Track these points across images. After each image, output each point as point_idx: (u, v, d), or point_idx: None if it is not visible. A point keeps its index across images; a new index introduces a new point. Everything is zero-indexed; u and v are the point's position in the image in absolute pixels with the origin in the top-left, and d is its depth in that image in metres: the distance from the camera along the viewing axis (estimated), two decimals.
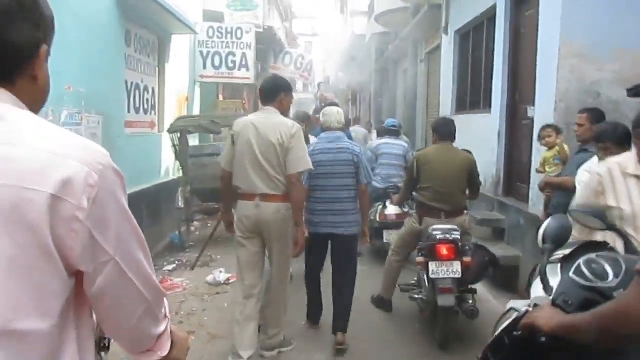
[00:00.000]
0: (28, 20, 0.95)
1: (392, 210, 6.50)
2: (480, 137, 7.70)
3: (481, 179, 7.23)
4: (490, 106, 7.45)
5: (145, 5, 6.81)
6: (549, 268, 1.73)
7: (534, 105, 5.95)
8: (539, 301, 1.65)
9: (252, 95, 13.92)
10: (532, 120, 5.98)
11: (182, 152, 7.31)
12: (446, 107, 9.87)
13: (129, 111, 7.00)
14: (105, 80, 6.07)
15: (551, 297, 1.56)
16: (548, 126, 5.01)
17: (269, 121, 3.63)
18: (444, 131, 4.74)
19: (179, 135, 7.21)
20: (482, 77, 8.04)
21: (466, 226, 4.56)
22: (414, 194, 4.84)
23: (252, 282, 3.81)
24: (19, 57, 0.95)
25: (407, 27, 14.75)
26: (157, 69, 8.26)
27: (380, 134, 7.63)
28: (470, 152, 4.93)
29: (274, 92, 3.75)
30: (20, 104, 0.95)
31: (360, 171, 4.17)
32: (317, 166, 3.97)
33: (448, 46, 9.77)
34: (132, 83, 7.08)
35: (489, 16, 7.73)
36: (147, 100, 7.70)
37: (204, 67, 10.27)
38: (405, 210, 6.25)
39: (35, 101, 1.00)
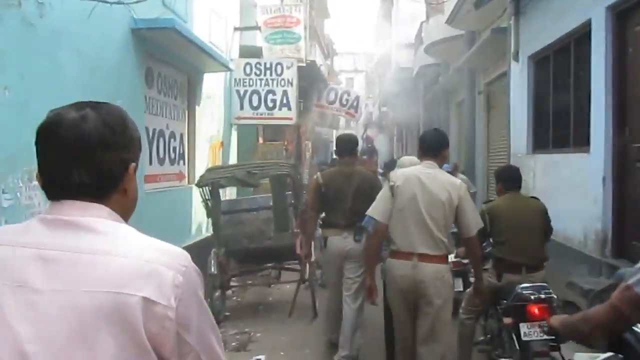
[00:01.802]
0: (120, 145, 1.09)
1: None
2: (574, 182, 6.27)
3: (580, 234, 5.88)
4: (587, 144, 6.03)
5: (170, 40, 5.81)
6: None
7: None
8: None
9: (294, 136, 12.84)
10: None
11: (213, 209, 6.16)
12: (519, 144, 8.46)
13: (150, 163, 5.95)
14: None
15: None
16: None
17: (436, 177, 3.57)
18: (511, 181, 4.47)
19: (209, 188, 6.07)
20: (572, 108, 6.63)
21: (547, 280, 4.24)
22: (488, 248, 4.52)
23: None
24: (113, 177, 1.09)
25: (460, 57, 13.52)
26: (186, 112, 7.26)
27: None
28: (537, 199, 4.71)
29: (439, 147, 3.75)
30: (115, 216, 1.09)
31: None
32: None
33: (519, 74, 8.43)
34: (154, 130, 6.05)
35: (578, 36, 6.39)
36: (174, 148, 6.65)
37: (241, 107, 9.24)
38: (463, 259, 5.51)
39: (126, 210, 1.14)
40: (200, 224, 7.49)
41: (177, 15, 6.31)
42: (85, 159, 1.04)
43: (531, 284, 3.95)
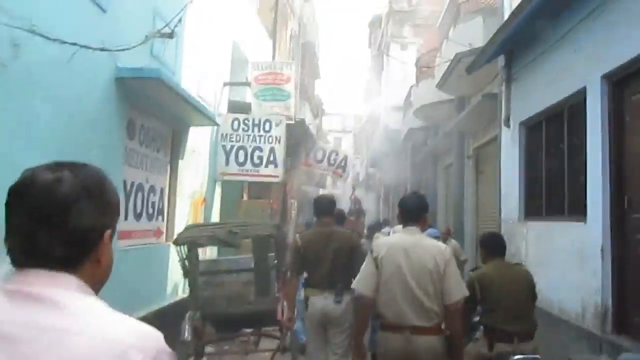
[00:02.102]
0: (95, 208, 1.01)
1: None
2: (571, 251, 6.01)
3: (577, 307, 5.69)
4: (583, 213, 5.83)
5: (156, 91, 5.60)
6: None
7: None
8: None
9: (280, 195, 12.57)
10: None
11: (191, 269, 5.75)
12: (510, 210, 8.25)
13: (125, 218, 5.59)
14: None
15: None
16: None
17: (420, 244, 3.46)
18: (497, 247, 4.43)
19: (187, 247, 5.69)
20: (566, 175, 6.47)
21: (538, 350, 4.18)
22: (476, 317, 4.45)
23: None
24: (86, 245, 1.01)
25: (449, 121, 13.56)
26: (169, 165, 6.98)
27: None
28: (522, 265, 4.82)
29: (420, 211, 3.66)
30: (85, 288, 0.99)
31: None
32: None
33: (510, 140, 8.33)
34: (132, 183, 5.74)
35: (572, 103, 6.31)
36: (153, 203, 6.32)
37: (227, 163, 8.99)
38: None
39: (98, 281, 1.05)
40: (177, 284, 7.05)
41: (165, 66, 6.14)
42: (57, 224, 0.97)
43: (524, 356, 3.90)
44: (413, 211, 3.62)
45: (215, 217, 9.06)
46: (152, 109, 6.12)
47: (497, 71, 9.14)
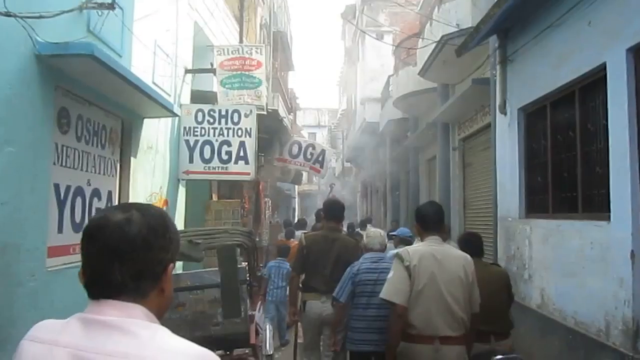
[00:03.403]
0: (160, 244, 1.15)
1: None
2: (589, 255, 5.18)
3: (600, 321, 5.05)
4: (604, 209, 5.00)
5: (92, 74, 4.52)
6: None
7: None
8: None
9: (252, 193, 11.55)
10: None
11: None
12: (508, 207, 7.43)
13: (59, 230, 4.55)
14: (8, 186, 3.69)
15: None
16: None
17: (449, 253, 3.53)
18: (475, 248, 4.43)
19: None
20: (578, 167, 5.64)
21: (513, 348, 4.44)
22: None
23: None
24: (152, 277, 1.15)
25: (431, 111, 12.74)
26: (118, 164, 5.92)
27: (395, 243, 6.79)
28: (499, 266, 5.04)
29: (441, 220, 3.71)
30: (151, 316, 1.13)
31: None
32: (362, 285, 4.33)
33: (507, 129, 7.49)
34: (68, 187, 4.69)
35: (586, 83, 5.48)
36: (98, 210, 5.25)
37: (191, 160, 7.95)
38: None
39: (162, 309, 1.19)
40: None
41: (107, 45, 5.10)
42: (128, 260, 1.10)
43: (505, 355, 3.97)
44: (435, 220, 3.64)
45: (179, 223, 8.03)
46: (92, 96, 5.06)
47: (488, 54, 8.31)
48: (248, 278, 5.18)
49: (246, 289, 5.15)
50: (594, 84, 5.36)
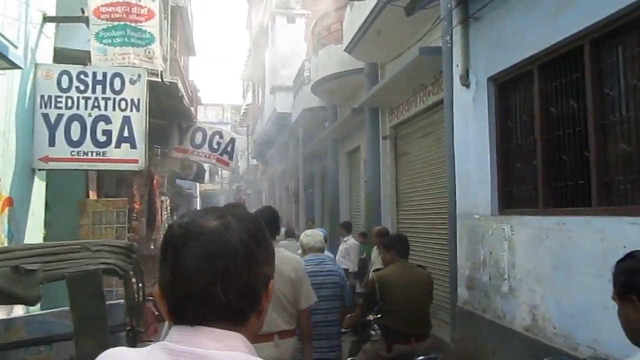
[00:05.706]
0: (264, 257, 0.94)
1: None
2: (610, 262, 3.72)
3: (628, 351, 3.38)
4: (634, 201, 3.58)
5: None
6: None
7: None
8: None
9: (144, 190, 9.25)
10: None
11: None
12: (472, 201, 5.95)
13: None
14: None
15: None
16: None
17: (281, 257, 3.17)
18: (403, 248, 4.55)
19: None
20: (592, 147, 4.20)
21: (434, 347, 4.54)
22: (373, 317, 4.68)
23: None
24: (256, 297, 0.92)
25: (357, 97, 11.22)
26: None
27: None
28: (424, 267, 4.89)
29: (275, 225, 3.68)
30: (251, 348, 0.90)
31: (345, 293, 4.47)
32: None
33: (470, 104, 6.01)
34: None
35: (601, 34, 4.06)
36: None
37: (51, 142, 5.67)
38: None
39: (254, 337, 0.95)
40: None
41: None
42: (232, 276, 0.88)
43: (427, 356, 4.11)
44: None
45: (35, 231, 5.72)
46: None
47: (437, 17, 6.84)
48: (129, 320, 3.16)
49: (127, 339, 3.13)
50: (615, 32, 3.95)
